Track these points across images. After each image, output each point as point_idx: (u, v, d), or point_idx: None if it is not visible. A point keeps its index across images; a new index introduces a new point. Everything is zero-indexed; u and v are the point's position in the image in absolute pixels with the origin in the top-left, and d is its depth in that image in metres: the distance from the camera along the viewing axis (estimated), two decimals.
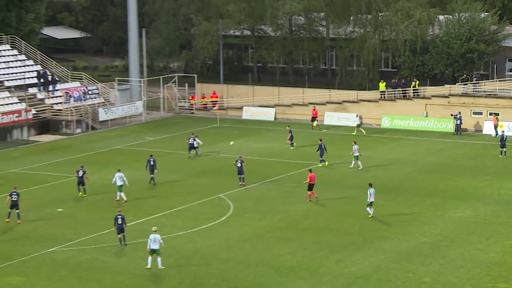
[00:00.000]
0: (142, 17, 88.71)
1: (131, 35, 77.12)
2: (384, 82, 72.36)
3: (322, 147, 52.85)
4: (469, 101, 67.49)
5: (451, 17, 76.47)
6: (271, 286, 32.83)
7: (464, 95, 68.03)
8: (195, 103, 76.21)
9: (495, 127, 63.76)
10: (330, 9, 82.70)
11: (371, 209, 41.81)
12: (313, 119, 68.03)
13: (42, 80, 71.02)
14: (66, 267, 35.12)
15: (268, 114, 73.11)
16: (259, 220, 41.80)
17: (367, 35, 77.88)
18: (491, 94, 67.55)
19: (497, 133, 62.52)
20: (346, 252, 36.56)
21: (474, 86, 68.50)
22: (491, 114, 65.57)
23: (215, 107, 73.47)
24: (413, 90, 70.41)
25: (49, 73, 72.07)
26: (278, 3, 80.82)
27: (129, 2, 76.53)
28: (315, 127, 67.30)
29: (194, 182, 49.95)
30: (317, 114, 68.06)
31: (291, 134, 59.55)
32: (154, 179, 49.27)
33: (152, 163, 49.32)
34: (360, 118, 66.98)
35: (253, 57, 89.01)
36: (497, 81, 69.65)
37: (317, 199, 44.88)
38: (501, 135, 57.51)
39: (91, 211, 43.75)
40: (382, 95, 71.07)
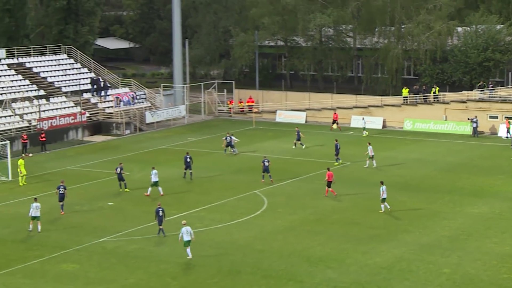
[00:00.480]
0: (185, 29, 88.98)
1: (175, 46, 77.31)
2: (407, 89, 71.69)
3: (337, 147, 52.92)
4: (485, 106, 66.55)
5: (468, 28, 75.73)
6: (302, 275, 32.57)
7: (481, 100, 67.08)
8: (233, 107, 76.17)
9: (508, 130, 62.94)
10: (357, 21, 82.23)
11: (383, 204, 41.36)
12: (334, 121, 67.67)
13: (95, 86, 71.47)
14: (115, 255, 35.21)
15: (299, 117, 72.81)
16: (290, 214, 41.56)
17: (391, 45, 77.39)
18: (506, 100, 66.59)
19: (508, 135, 61.87)
20: (371, 244, 36.18)
21: (490, 92, 67.56)
22: (506, 118, 64.67)
23: (252, 111, 73.34)
24: (434, 95, 69.68)
25: (101, 80, 72.52)
26: (309, 16, 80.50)
27: (174, 15, 76.73)
28: (335, 128, 66.89)
29: (231, 179, 49.81)
30: (337, 117, 67.69)
31: (298, 135, 59.15)
32: (192, 174, 49.20)
33: (188, 159, 49.26)
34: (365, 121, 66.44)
35: (286, 65, 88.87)
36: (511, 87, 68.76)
37: (335, 196, 44.46)
38: None
39: (138, 205, 43.80)
40: (405, 100, 70.44)
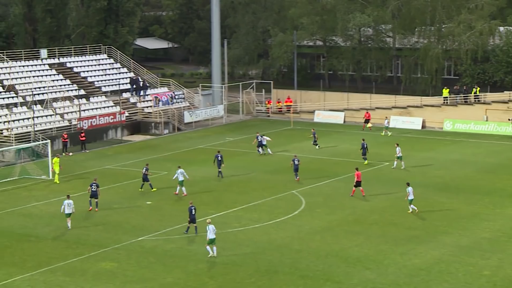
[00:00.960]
0: (224, 29, 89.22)
1: (214, 45, 77.55)
2: (447, 89, 70.95)
3: (364, 146, 52.76)
4: None
5: (511, 28, 74.67)
6: (339, 276, 32.44)
7: None
8: (271, 107, 76.17)
9: None
10: (396, 21, 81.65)
11: (410, 206, 40.98)
12: (367, 121, 67.24)
13: (134, 86, 72.05)
14: (153, 254, 35.41)
15: (337, 118, 72.52)
16: (328, 215, 41.43)
17: (431, 45, 76.63)
18: None
19: None
20: (409, 246, 35.89)
21: None
22: None
23: (290, 111, 73.28)
24: (474, 96, 68.85)
25: (140, 80, 73.07)
26: (348, 16, 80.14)
27: (213, 15, 76.96)
28: (366, 128, 66.46)
29: (269, 179, 49.80)
30: (370, 116, 67.28)
31: (314, 136, 58.86)
32: (221, 173, 49.28)
33: (219, 158, 49.32)
34: (388, 122, 65.92)
35: (324, 65, 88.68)
36: None
37: (363, 196, 44.22)
38: None
39: (176, 204, 44.01)
40: (445, 100, 69.71)
